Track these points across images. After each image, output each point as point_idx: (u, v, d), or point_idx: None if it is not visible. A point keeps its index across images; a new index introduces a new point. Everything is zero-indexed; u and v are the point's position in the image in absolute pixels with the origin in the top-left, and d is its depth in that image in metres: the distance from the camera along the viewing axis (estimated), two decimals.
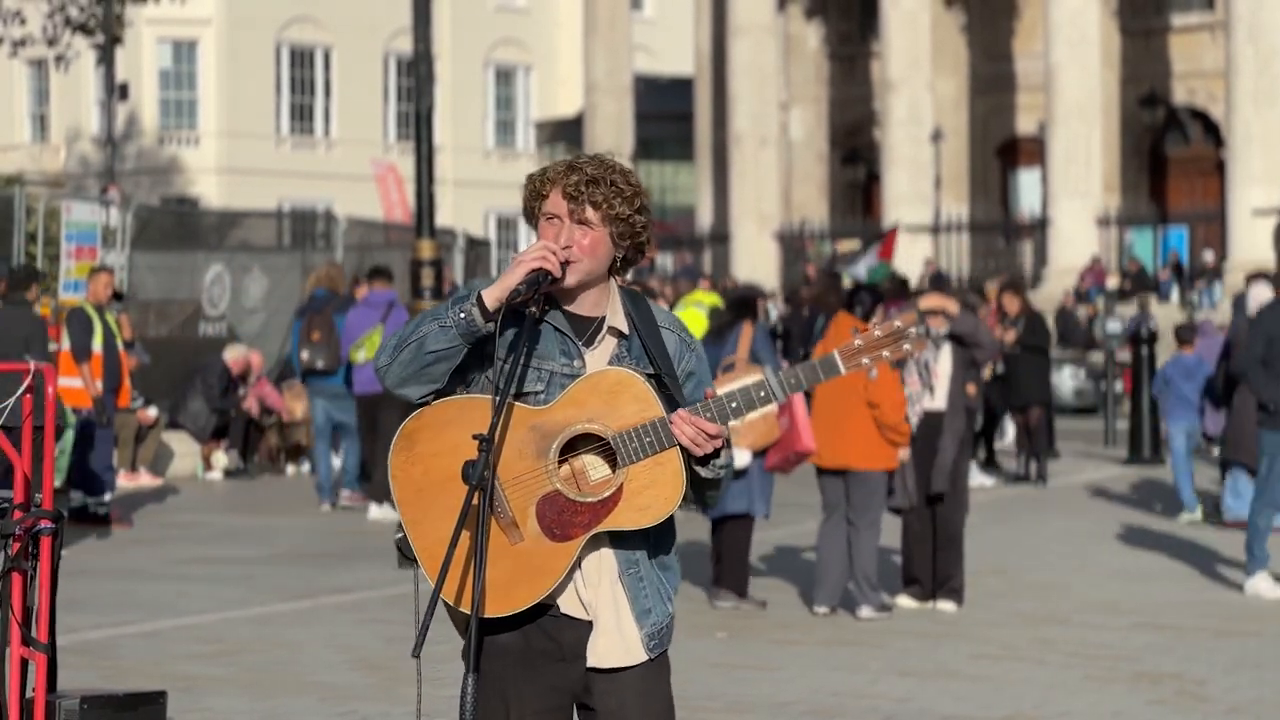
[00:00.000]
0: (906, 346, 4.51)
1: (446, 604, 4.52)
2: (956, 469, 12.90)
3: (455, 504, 4.49)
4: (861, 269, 30.97)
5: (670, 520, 4.64)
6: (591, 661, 4.55)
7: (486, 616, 4.47)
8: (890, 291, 15.80)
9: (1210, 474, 20.17)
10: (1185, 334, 19.52)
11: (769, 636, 11.71)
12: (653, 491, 4.48)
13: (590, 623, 4.57)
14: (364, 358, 18.05)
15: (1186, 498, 18.40)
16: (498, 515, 4.49)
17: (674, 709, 4.65)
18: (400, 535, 4.63)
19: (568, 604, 4.56)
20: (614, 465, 4.50)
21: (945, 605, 12.74)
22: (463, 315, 4.47)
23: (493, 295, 4.47)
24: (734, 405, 4.49)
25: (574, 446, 4.51)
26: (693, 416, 4.45)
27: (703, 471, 4.52)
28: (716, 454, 4.51)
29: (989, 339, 13.47)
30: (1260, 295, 17.60)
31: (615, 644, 4.55)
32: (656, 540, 4.62)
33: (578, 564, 4.54)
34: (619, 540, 4.55)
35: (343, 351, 18.59)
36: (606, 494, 4.48)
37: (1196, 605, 13.05)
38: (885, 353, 4.52)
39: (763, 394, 4.49)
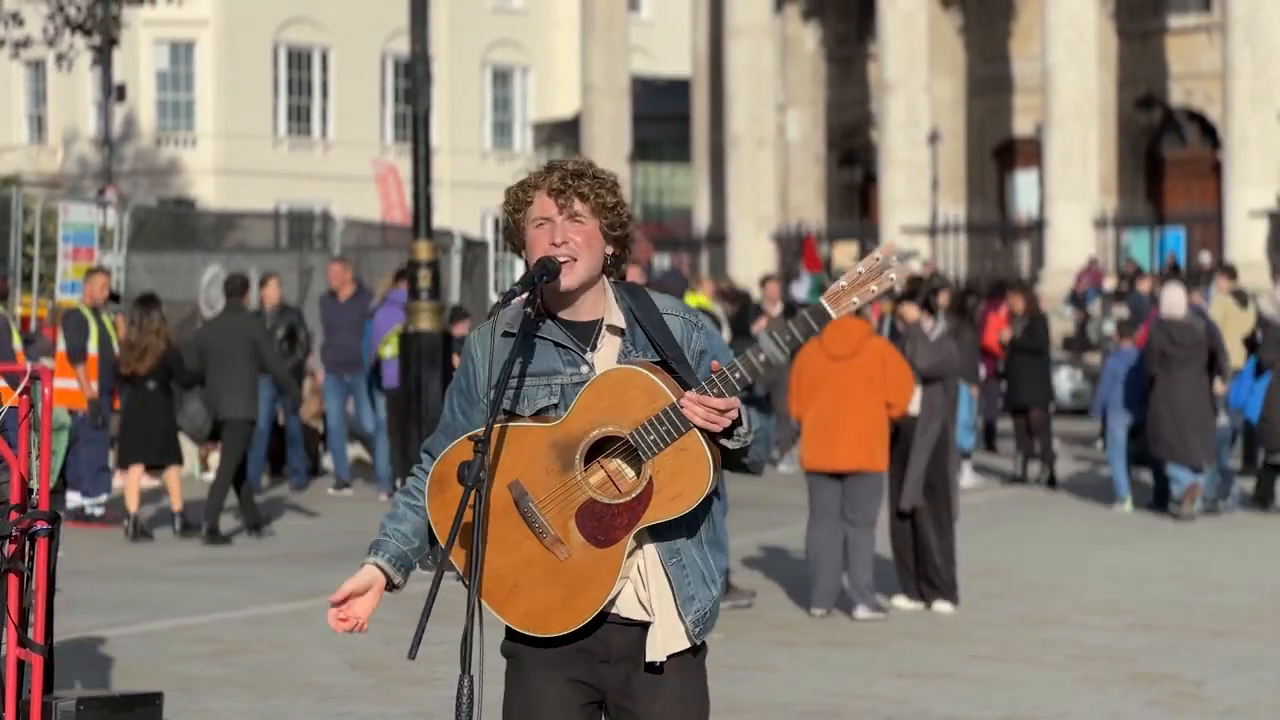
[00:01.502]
0: (891, 275, 4.48)
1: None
2: (936, 476, 12.86)
3: (499, 535, 4.55)
4: (802, 289, 31.10)
5: (710, 500, 4.64)
6: (650, 655, 4.57)
7: (553, 634, 4.53)
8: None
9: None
10: (1125, 328, 19.99)
11: (766, 637, 11.71)
12: (683, 478, 4.48)
13: (646, 624, 4.59)
14: (391, 353, 18.35)
15: (1120, 486, 18.97)
16: (541, 535, 4.52)
17: (709, 707, 4.69)
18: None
19: (628, 608, 4.59)
20: (639, 462, 4.51)
21: (942, 606, 12.75)
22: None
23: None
24: (737, 375, 4.47)
25: (598, 452, 4.53)
26: (700, 397, 4.44)
27: (727, 444, 4.52)
28: (740, 422, 4.50)
29: (930, 360, 12.97)
30: (1174, 298, 18.09)
31: (665, 635, 4.58)
32: (699, 523, 4.62)
33: (635, 566, 4.58)
34: (658, 533, 4.56)
35: (371, 349, 19.28)
36: (638, 491, 4.49)
37: (1193, 606, 13.06)
38: (873, 286, 4.49)
39: (762, 357, 4.47)
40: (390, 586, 4.68)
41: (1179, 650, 11.30)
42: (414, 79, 19.04)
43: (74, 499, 17.19)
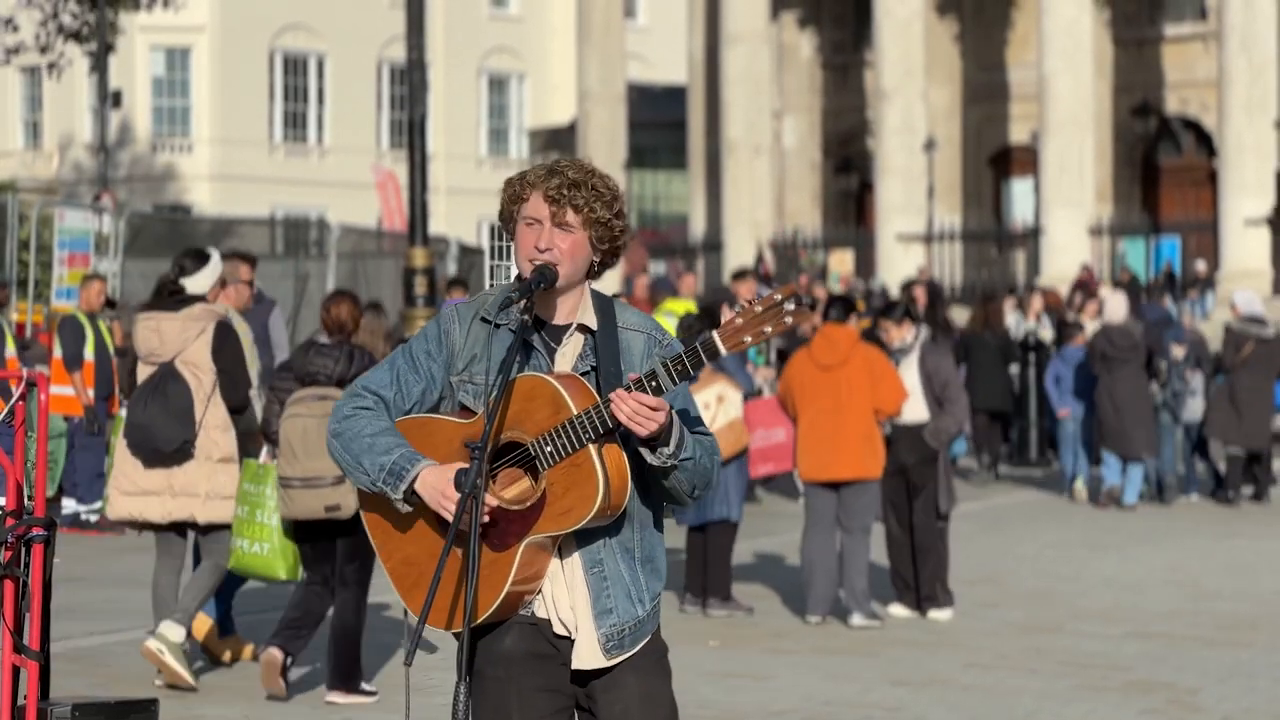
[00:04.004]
0: (788, 319, 4.39)
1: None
2: (929, 483, 12.87)
3: (415, 522, 4.57)
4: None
5: (652, 518, 4.65)
6: (574, 664, 4.58)
7: (451, 630, 4.53)
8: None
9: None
10: (1071, 330, 21.76)
11: (762, 645, 11.71)
12: (573, 494, 4.45)
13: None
14: None
15: (1068, 473, 20.96)
16: (444, 530, 4.51)
17: (678, 713, 4.67)
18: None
19: (555, 623, 4.60)
20: (537, 471, 4.51)
21: (938, 614, 12.75)
22: (385, 487, 4.52)
23: (424, 491, 4.48)
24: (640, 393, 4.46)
25: (504, 455, 4.53)
26: (633, 392, 4.39)
27: (650, 458, 4.48)
28: (665, 442, 4.46)
29: (947, 368, 13.10)
30: (1115, 305, 20.05)
31: (582, 646, 4.57)
32: (628, 536, 4.61)
33: (561, 570, 4.58)
34: (583, 539, 4.55)
35: None
36: (532, 501, 4.48)
37: (1189, 614, 13.06)
38: (767, 328, 4.40)
39: (654, 384, 4.42)
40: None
41: (1175, 658, 11.29)
42: (410, 85, 19.07)
43: (70, 505, 17.17)
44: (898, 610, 12.88)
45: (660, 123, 55.75)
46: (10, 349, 14.93)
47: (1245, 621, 12.77)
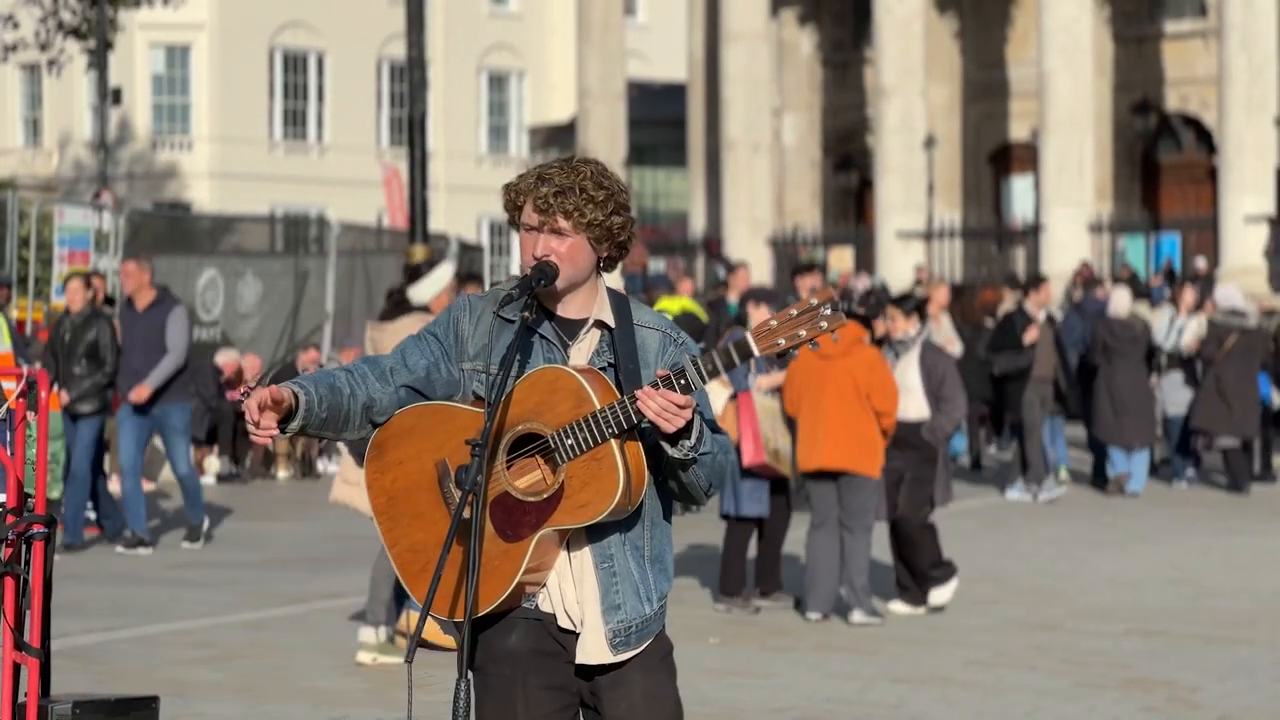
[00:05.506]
0: (824, 324, 4.38)
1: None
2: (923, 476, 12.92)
3: (421, 510, 4.59)
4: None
5: (662, 515, 4.66)
6: (578, 659, 4.58)
7: (455, 620, 4.53)
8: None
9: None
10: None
11: (762, 642, 11.71)
12: (592, 488, 4.46)
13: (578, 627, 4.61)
14: None
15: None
16: (455, 519, 4.52)
17: (683, 711, 4.68)
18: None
19: (561, 616, 4.61)
20: (557, 464, 4.51)
21: (939, 591, 12.76)
22: None
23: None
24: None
25: (523, 446, 4.54)
26: (661, 390, 4.40)
27: (671, 451, 4.48)
28: (687, 435, 4.47)
29: (949, 369, 13.20)
30: (1120, 298, 20.67)
31: (588, 640, 4.58)
32: (638, 534, 4.62)
33: (569, 564, 4.59)
34: (594, 534, 4.56)
35: None
36: (549, 493, 4.49)
37: (1189, 612, 13.06)
38: (802, 331, 4.39)
39: (683, 381, 4.44)
40: (285, 422, 4.55)
41: (1174, 656, 11.30)
42: (410, 83, 19.08)
43: None
44: (898, 607, 12.89)
45: (660, 120, 55.75)
46: (6, 343, 14.90)
47: (1245, 619, 12.77)
